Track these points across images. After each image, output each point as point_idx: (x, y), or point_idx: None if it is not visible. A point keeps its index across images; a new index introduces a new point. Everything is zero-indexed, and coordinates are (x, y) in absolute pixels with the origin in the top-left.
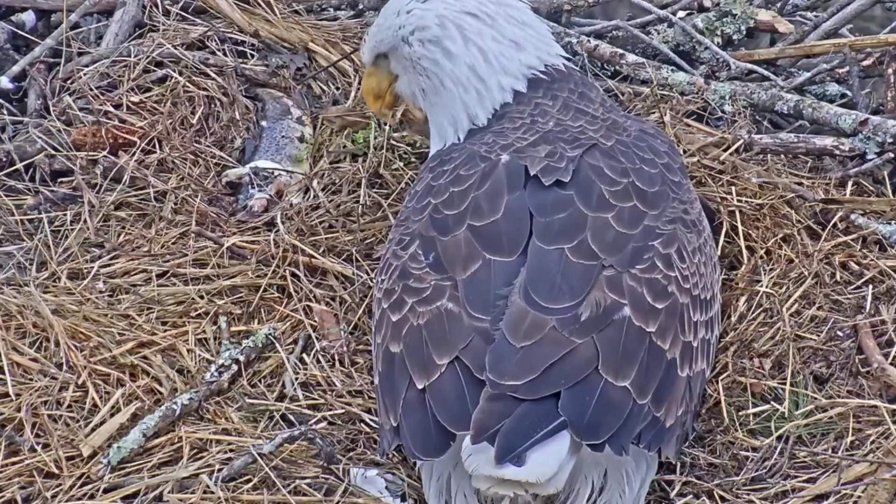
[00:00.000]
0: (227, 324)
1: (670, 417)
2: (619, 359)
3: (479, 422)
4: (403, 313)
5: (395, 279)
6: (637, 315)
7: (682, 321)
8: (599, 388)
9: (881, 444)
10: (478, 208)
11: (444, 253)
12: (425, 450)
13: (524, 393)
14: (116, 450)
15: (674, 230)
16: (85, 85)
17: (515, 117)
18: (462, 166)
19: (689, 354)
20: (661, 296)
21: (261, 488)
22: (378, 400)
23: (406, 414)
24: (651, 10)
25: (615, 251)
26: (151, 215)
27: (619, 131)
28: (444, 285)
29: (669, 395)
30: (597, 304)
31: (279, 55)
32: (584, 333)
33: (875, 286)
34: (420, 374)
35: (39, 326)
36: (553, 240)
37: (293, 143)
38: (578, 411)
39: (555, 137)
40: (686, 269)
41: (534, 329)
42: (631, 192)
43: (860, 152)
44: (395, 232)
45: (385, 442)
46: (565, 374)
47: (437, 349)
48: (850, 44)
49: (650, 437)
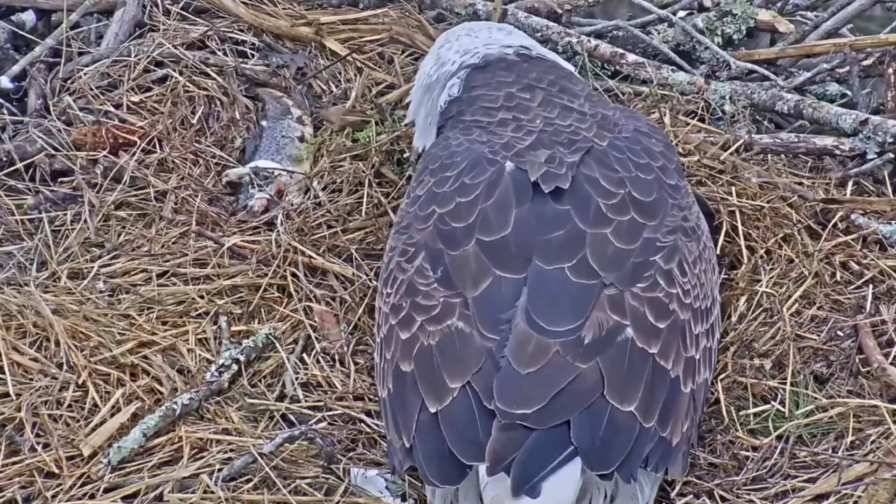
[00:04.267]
0: (227, 324)
1: (676, 435)
2: (623, 383)
3: (494, 452)
4: (413, 332)
5: (402, 294)
6: (639, 336)
7: (683, 337)
8: (607, 414)
9: (881, 443)
10: (486, 222)
11: (453, 268)
12: (443, 477)
13: (534, 422)
14: (117, 449)
15: (674, 241)
16: (85, 85)
17: (489, 107)
18: (467, 173)
19: (691, 369)
20: (663, 315)
21: (261, 488)
22: (386, 416)
23: (420, 438)
24: (651, 9)
25: (615, 268)
26: (152, 215)
27: (612, 128)
28: (453, 303)
29: (675, 413)
30: (599, 325)
31: (279, 55)
32: (587, 357)
33: (875, 286)
34: (432, 397)
35: (40, 326)
36: (553, 259)
37: (293, 143)
38: (589, 440)
39: (550, 140)
40: (687, 282)
41: (538, 354)
42: (628, 203)
43: (860, 152)
44: (397, 240)
45: (396, 460)
46: (573, 401)
47: (448, 371)
48: (850, 43)
49: (657, 459)
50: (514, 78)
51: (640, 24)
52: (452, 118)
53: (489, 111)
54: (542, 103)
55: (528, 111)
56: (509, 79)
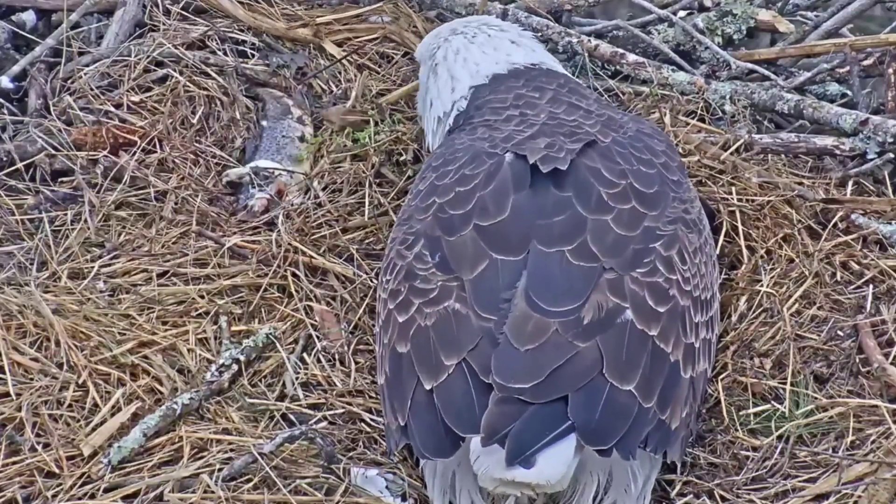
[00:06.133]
0: (227, 323)
1: (675, 420)
2: (623, 362)
3: (489, 425)
4: (410, 314)
5: (400, 280)
6: (639, 318)
7: (683, 323)
8: (605, 392)
9: (882, 443)
10: (484, 208)
11: (451, 253)
12: (435, 450)
13: (531, 396)
14: (117, 449)
15: (675, 231)
16: (85, 84)
17: (498, 107)
18: (467, 166)
19: (691, 356)
20: (663, 299)
21: (261, 488)
22: (384, 400)
23: (414, 414)
24: (651, 9)
25: (615, 253)
26: (152, 215)
27: (616, 128)
28: (450, 286)
29: (674, 397)
30: (598, 306)
31: (280, 55)
32: (587, 337)
33: (875, 286)
34: (428, 375)
35: (40, 326)
36: (553, 243)
37: (294, 143)
38: (586, 416)
39: (552, 131)
40: (687, 270)
41: (537, 332)
42: (630, 193)
43: (860, 152)
44: (398, 231)
45: (392, 441)
46: (571, 377)
47: (444, 350)
48: (850, 43)
49: (656, 441)
50: (523, 82)
51: (640, 24)
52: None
53: (498, 110)
54: (549, 101)
55: (534, 107)
56: (518, 83)
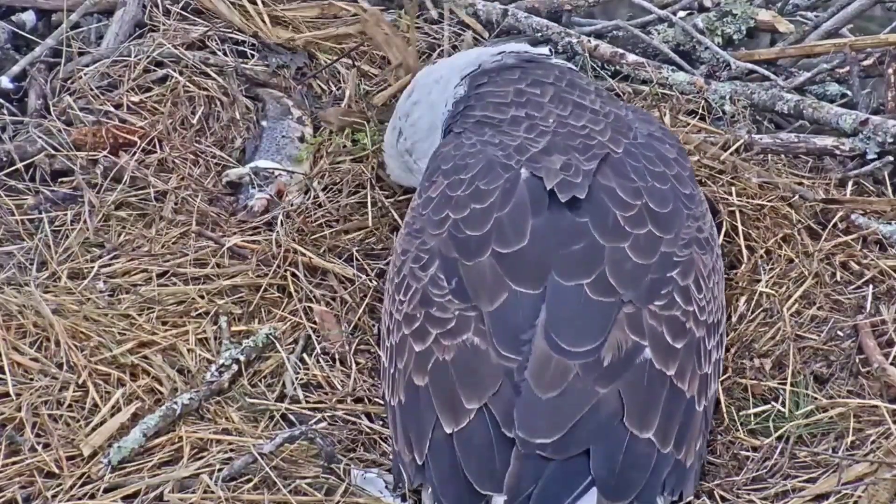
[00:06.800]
0: (227, 324)
1: (690, 455)
2: (642, 408)
3: (512, 486)
4: (428, 345)
5: (415, 304)
6: (657, 357)
7: (699, 355)
8: (626, 442)
9: (881, 443)
10: (502, 233)
11: (468, 280)
12: (455, 499)
13: (553, 452)
14: (117, 449)
15: (690, 255)
16: (85, 85)
17: (499, 102)
18: (481, 178)
19: (705, 386)
20: (681, 334)
21: (261, 488)
22: (394, 423)
23: (433, 457)
24: (651, 9)
25: (634, 285)
26: (152, 215)
27: (626, 132)
28: (468, 315)
29: (689, 434)
30: (618, 346)
31: (279, 55)
32: (607, 381)
33: (875, 286)
34: (448, 417)
35: (40, 326)
36: (572, 275)
37: (293, 143)
38: (606, 470)
39: (565, 144)
40: (703, 298)
41: (558, 377)
42: (645, 216)
43: (860, 152)
44: (410, 243)
45: (405, 475)
46: (592, 429)
47: (465, 391)
48: (850, 43)
49: (673, 483)
50: (519, 75)
51: (640, 24)
52: (461, 114)
53: (500, 107)
54: (553, 99)
55: (540, 108)
56: (515, 76)
